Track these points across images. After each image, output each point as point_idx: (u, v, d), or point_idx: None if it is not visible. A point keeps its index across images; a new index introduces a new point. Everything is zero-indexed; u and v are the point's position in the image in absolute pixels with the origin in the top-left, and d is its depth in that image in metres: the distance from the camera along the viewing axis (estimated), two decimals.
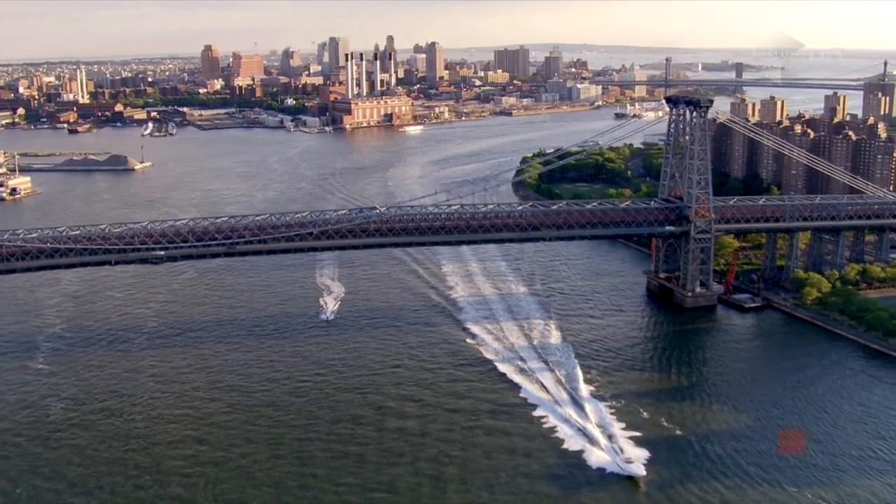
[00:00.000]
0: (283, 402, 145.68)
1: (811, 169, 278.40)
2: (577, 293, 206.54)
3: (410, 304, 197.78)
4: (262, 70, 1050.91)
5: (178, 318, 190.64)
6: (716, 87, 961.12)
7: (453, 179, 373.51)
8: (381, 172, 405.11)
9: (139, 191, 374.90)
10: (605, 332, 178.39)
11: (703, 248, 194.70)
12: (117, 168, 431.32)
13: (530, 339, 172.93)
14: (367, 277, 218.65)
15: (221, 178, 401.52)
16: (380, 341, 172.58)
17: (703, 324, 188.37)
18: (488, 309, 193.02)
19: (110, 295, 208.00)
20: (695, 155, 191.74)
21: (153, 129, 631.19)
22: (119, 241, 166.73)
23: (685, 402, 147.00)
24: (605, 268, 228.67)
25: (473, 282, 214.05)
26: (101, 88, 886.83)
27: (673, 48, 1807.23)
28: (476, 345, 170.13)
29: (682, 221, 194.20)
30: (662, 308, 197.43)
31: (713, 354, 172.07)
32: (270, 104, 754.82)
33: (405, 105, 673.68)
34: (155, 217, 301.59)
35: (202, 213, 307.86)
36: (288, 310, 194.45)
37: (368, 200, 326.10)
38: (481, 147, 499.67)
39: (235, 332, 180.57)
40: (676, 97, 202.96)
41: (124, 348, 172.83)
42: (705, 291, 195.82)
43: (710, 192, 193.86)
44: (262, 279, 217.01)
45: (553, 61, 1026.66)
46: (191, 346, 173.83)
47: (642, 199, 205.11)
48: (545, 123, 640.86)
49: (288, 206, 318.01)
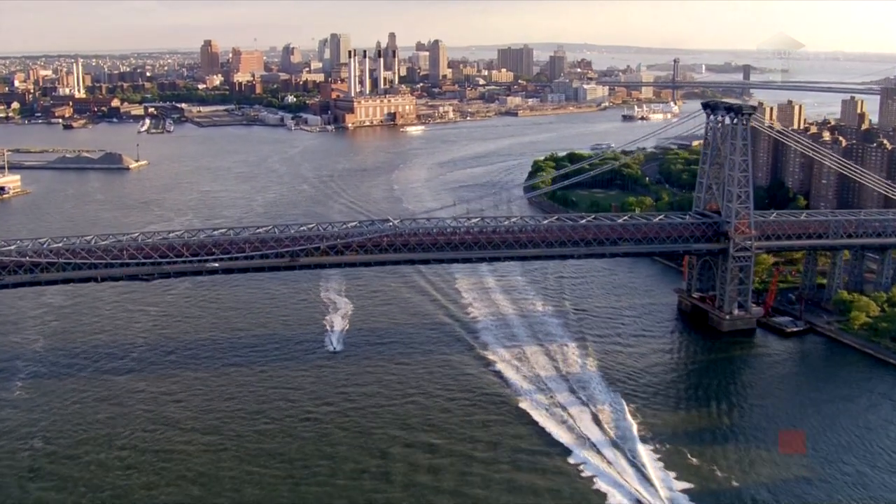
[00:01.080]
0: (279, 442, 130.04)
1: (843, 179, 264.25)
2: (604, 313, 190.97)
3: (423, 324, 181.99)
4: (262, 66, 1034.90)
5: (170, 337, 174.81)
6: (723, 88, 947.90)
7: (462, 183, 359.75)
8: (386, 175, 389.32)
9: (133, 191, 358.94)
10: (637, 360, 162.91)
11: (742, 268, 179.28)
12: (111, 167, 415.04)
13: (557, 367, 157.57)
14: (376, 292, 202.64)
15: (219, 178, 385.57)
16: (389, 371, 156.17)
17: (742, 350, 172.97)
18: (508, 330, 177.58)
19: (97, 308, 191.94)
20: (735, 166, 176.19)
21: (150, 125, 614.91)
22: (106, 255, 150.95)
23: (733, 444, 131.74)
24: (632, 284, 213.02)
25: (491, 298, 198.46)
26: (98, 83, 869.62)
27: (674, 49, 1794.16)
28: (496, 374, 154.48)
29: (720, 238, 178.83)
30: (696, 331, 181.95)
31: (757, 387, 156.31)
32: (270, 101, 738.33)
33: (409, 104, 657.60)
34: (149, 220, 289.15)
35: (199, 216, 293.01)
36: (290, 330, 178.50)
37: (373, 205, 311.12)
38: (488, 149, 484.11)
39: (232, 354, 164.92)
40: (715, 102, 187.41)
41: (111, 370, 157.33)
42: (744, 314, 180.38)
43: (752, 206, 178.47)
44: (263, 293, 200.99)
45: (557, 61, 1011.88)
46: (183, 369, 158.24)
47: (676, 213, 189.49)
48: (552, 125, 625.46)
49: (289, 210, 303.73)
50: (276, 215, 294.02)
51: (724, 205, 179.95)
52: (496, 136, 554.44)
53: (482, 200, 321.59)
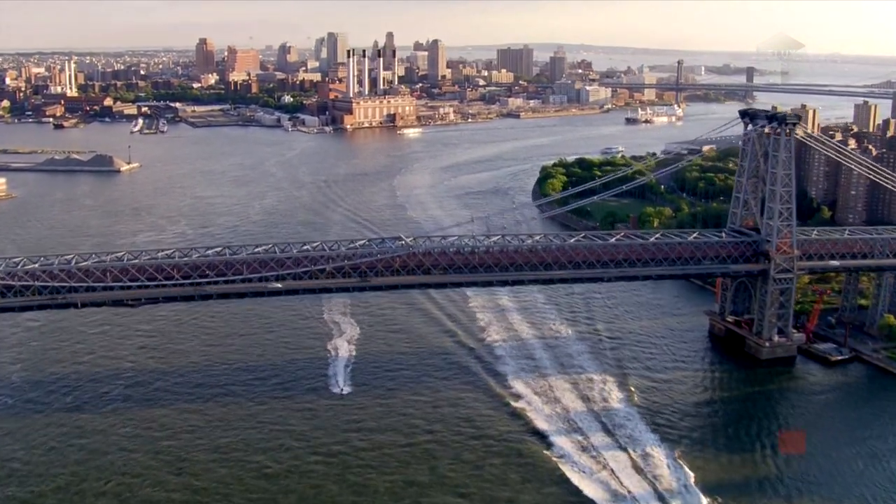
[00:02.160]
0: (277, 494, 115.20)
1: (873, 189, 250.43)
2: (631, 337, 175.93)
3: (435, 351, 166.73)
4: (258, 65, 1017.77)
5: (159, 363, 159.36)
6: (725, 90, 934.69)
7: (468, 190, 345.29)
8: (388, 180, 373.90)
9: (124, 196, 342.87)
10: (673, 394, 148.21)
11: (783, 290, 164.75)
12: (102, 169, 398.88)
13: (588, 402, 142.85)
14: (383, 312, 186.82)
15: (214, 183, 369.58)
16: (399, 411, 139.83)
17: (784, 382, 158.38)
18: (529, 358, 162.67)
19: (81, 330, 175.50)
20: (777, 181, 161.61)
21: (143, 125, 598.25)
22: (87, 277, 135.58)
23: (796, 499, 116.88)
24: (657, 304, 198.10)
25: (507, 319, 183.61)
26: (91, 81, 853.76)
27: (671, 50, 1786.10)
28: (519, 414, 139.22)
29: (760, 258, 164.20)
30: (732, 359, 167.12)
31: (807, 426, 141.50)
32: (267, 101, 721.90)
33: (409, 105, 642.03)
34: (139, 229, 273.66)
35: (192, 224, 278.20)
36: (290, 358, 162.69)
37: (376, 213, 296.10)
38: (492, 152, 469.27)
39: (227, 384, 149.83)
40: (755, 111, 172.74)
41: (93, 402, 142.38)
42: (784, 341, 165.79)
43: (794, 224, 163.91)
44: (261, 313, 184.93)
45: (558, 61, 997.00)
46: (172, 400, 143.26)
47: (711, 231, 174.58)
48: (556, 127, 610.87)
49: (287, 219, 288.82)
50: (273, 224, 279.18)
51: (763, 222, 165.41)
52: (499, 138, 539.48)
53: (490, 208, 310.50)
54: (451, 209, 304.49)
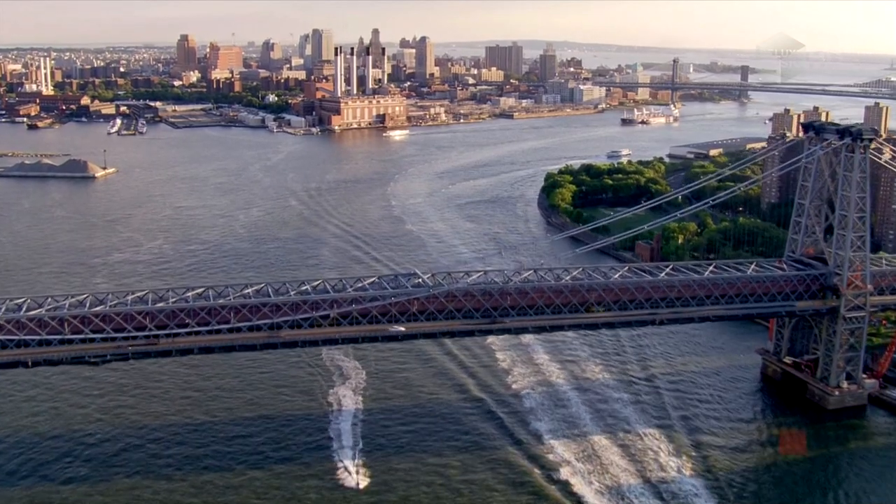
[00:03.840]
0: None
1: None
2: (676, 382, 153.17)
3: (452, 401, 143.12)
4: (240, 62, 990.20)
5: (128, 423, 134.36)
6: (719, 90, 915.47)
7: (468, 199, 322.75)
8: (381, 188, 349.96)
9: (98, 206, 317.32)
10: (734, 455, 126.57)
11: (854, 330, 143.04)
12: (75, 175, 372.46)
13: (639, 470, 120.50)
14: (391, 350, 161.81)
15: (196, 190, 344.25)
16: (416, 480, 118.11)
17: (857, 441, 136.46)
18: (564, 409, 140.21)
19: (34, 383, 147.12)
20: (850, 205, 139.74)
21: (121, 125, 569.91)
22: (41, 328, 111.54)
23: None
24: (699, 338, 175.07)
25: (532, 359, 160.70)
26: (69, 79, 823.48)
27: (655, 48, 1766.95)
28: (559, 485, 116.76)
29: (828, 293, 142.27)
30: (793, 408, 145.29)
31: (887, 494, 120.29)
32: (250, 100, 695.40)
33: (399, 105, 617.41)
34: (113, 245, 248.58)
35: (171, 240, 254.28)
36: (285, 410, 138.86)
37: (373, 227, 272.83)
38: (489, 156, 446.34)
39: (211, 446, 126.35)
40: (822, 124, 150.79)
41: (49, 474, 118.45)
42: (854, 388, 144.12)
43: (868, 254, 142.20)
44: (250, 356, 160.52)
45: (548, 59, 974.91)
46: (144, 471, 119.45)
47: (769, 261, 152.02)
48: (552, 129, 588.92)
49: (276, 233, 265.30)
50: (260, 240, 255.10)
51: (832, 252, 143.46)
52: (494, 141, 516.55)
53: (493, 219, 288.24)
54: (454, 222, 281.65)
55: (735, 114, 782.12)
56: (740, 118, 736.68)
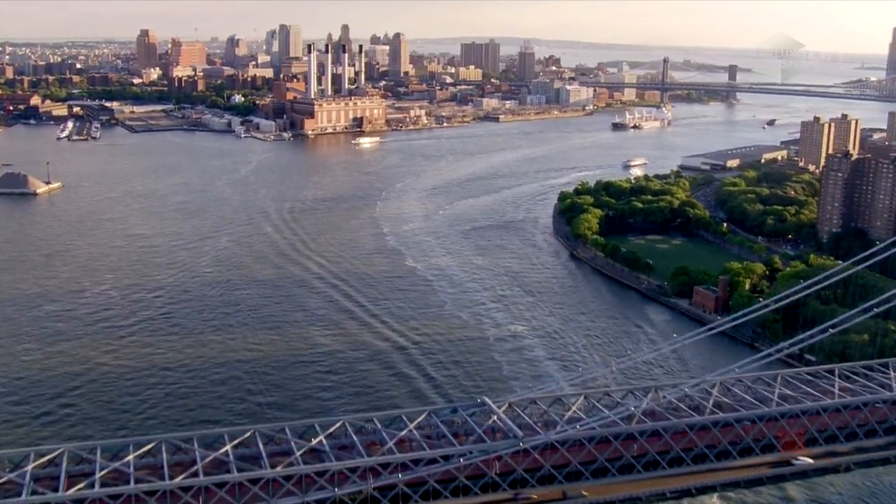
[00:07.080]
0: None
1: None
2: None
3: None
4: (204, 59, 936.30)
5: None
6: (706, 90, 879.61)
7: (473, 223, 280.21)
8: (368, 209, 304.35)
9: (37, 232, 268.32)
10: None
11: None
12: (14, 191, 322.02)
13: None
14: None
15: (153, 213, 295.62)
16: None
17: None
18: None
19: None
20: None
21: (72, 129, 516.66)
22: None
23: None
24: None
25: None
26: (21, 76, 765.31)
27: (624, 45, 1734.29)
28: None
29: None
30: None
31: None
32: (215, 101, 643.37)
33: (378, 107, 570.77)
34: (49, 291, 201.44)
35: (123, 282, 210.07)
36: None
37: (366, 263, 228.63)
38: (483, 168, 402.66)
39: None
40: None
41: None
42: None
43: None
44: None
45: (528, 57, 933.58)
46: None
47: None
48: (542, 134, 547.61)
49: (250, 272, 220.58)
50: (230, 284, 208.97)
51: None
52: (484, 148, 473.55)
53: (507, 250, 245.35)
54: (463, 255, 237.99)
55: (725, 116, 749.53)
56: (732, 121, 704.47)
